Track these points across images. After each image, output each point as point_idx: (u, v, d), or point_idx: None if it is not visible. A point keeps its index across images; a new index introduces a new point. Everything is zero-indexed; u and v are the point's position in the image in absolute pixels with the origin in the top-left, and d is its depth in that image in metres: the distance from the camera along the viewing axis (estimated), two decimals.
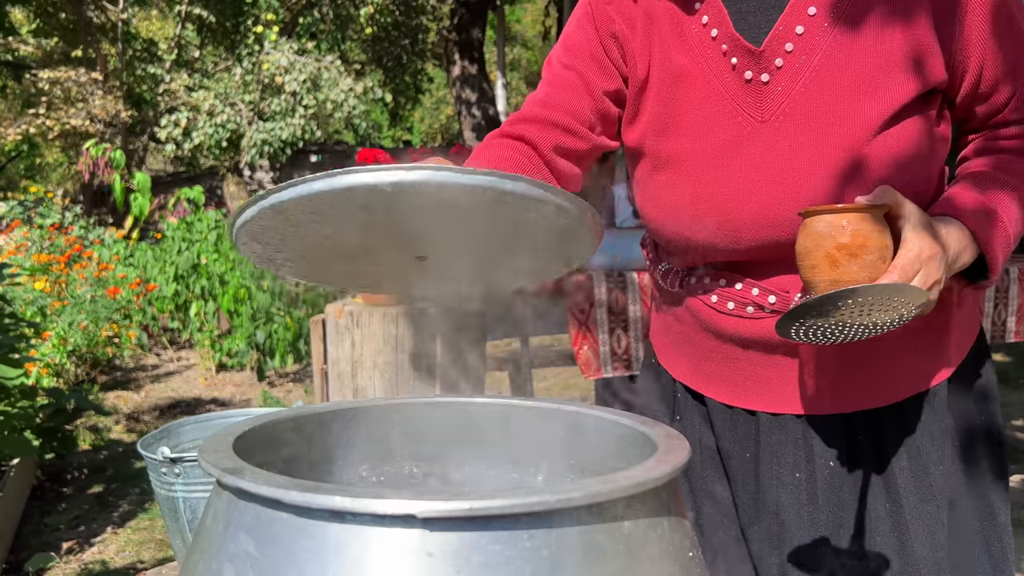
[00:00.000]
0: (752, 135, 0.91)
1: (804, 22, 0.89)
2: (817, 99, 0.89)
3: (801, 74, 0.89)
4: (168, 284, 5.65)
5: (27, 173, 18.68)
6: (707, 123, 0.93)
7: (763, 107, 0.91)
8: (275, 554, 0.48)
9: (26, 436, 3.01)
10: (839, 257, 0.80)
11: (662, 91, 0.96)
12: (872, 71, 0.88)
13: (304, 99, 9.48)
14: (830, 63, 0.89)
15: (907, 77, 0.88)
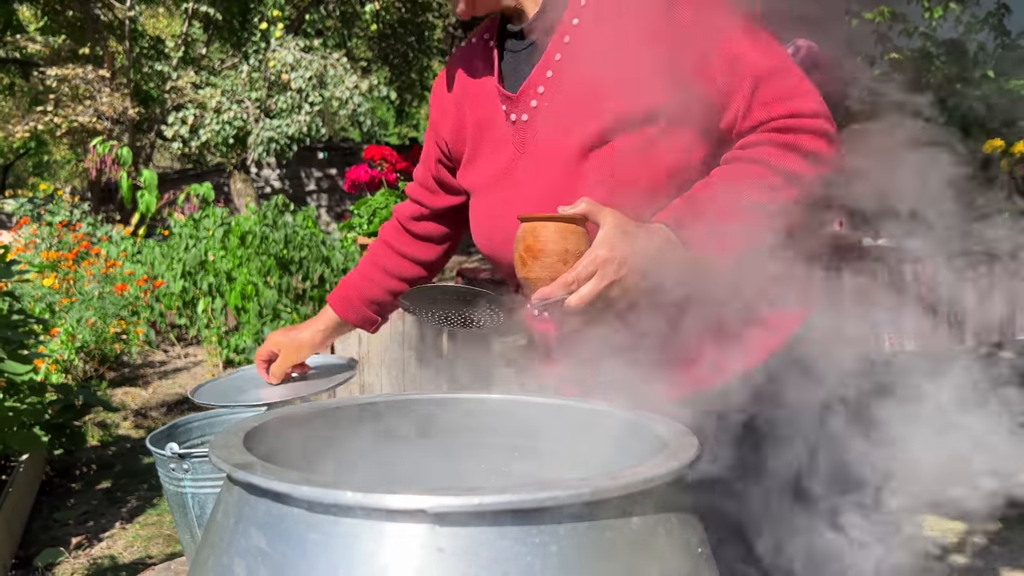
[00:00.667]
0: (516, 165, 1.12)
1: (552, 67, 1.07)
2: (555, 128, 1.07)
3: (551, 110, 1.08)
4: (176, 281, 5.66)
5: (35, 170, 18.75)
6: (490, 159, 1.16)
7: (524, 141, 1.11)
8: (286, 549, 0.49)
9: (35, 432, 3.02)
10: (526, 258, 0.94)
11: (471, 140, 1.19)
12: (589, 101, 1.04)
13: (310, 96, 9.49)
14: (568, 98, 1.06)
15: (619, 103, 1.02)
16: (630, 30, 1.01)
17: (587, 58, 1.05)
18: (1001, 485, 1.07)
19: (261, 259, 5.44)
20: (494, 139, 1.15)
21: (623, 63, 1.02)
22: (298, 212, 6.27)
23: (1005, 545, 2.77)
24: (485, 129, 1.17)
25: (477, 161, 1.19)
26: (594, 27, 1.04)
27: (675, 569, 0.53)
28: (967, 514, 1.06)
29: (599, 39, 1.04)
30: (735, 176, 0.99)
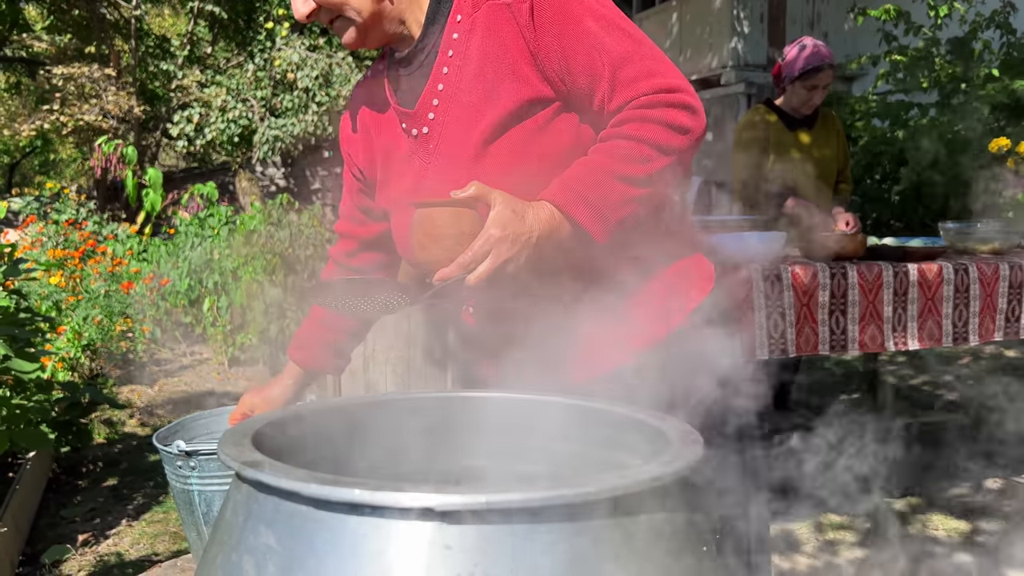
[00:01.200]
0: (423, 175, 1.18)
1: (443, 80, 1.15)
2: (452, 134, 1.14)
3: (447, 120, 1.15)
4: (181, 279, 5.67)
5: (41, 169, 18.81)
6: (400, 176, 1.22)
7: (427, 153, 1.18)
8: (294, 546, 0.49)
9: (42, 429, 3.03)
10: (425, 242, 0.98)
11: (381, 163, 1.26)
12: (478, 102, 1.12)
13: (316, 95, 9.49)
14: (457, 105, 1.14)
15: (504, 99, 1.10)
16: (503, 36, 1.10)
17: (471, 65, 1.13)
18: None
19: (266, 257, 5.45)
20: (400, 157, 1.22)
21: (503, 64, 1.11)
22: (303, 211, 6.28)
23: (1010, 545, 2.77)
24: (392, 150, 1.24)
25: (389, 181, 1.25)
26: (472, 38, 1.13)
27: (680, 567, 0.53)
28: (972, 512, 1.05)
29: (479, 47, 1.12)
30: (609, 151, 1.06)
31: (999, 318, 2.62)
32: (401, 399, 0.77)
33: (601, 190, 1.05)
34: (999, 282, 2.61)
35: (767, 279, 2.38)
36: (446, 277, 0.97)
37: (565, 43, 1.09)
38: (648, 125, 1.07)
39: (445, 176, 1.15)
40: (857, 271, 2.45)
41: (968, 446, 3.69)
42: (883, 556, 2.72)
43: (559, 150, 1.13)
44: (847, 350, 2.46)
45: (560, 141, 1.13)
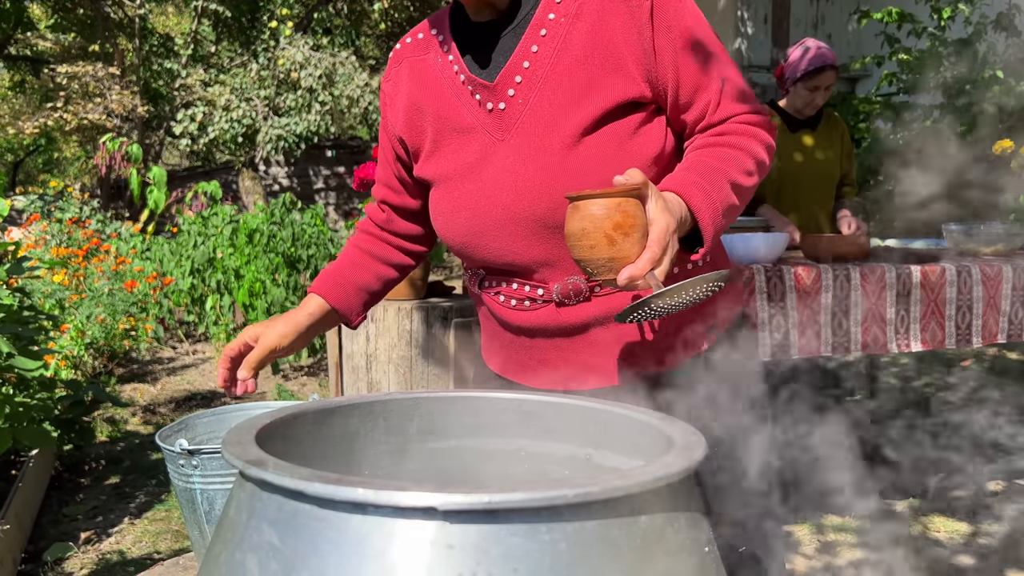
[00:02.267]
0: (494, 152, 1.13)
1: (529, 58, 1.11)
2: (538, 117, 1.10)
3: (529, 99, 1.11)
4: (184, 278, 5.69)
5: (45, 167, 18.85)
6: (461, 147, 1.16)
7: (502, 128, 1.13)
8: (297, 545, 0.49)
9: (45, 427, 3.04)
10: (615, 236, 0.89)
11: (433, 131, 1.19)
12: (577, 90, 1.08)
13: (320, 95, 9.50)
14: (547, 88, 1.10)
15: (602, 95, 1.08)
16: (616, 29, 1.08)
17: (573, 51, 1.09)
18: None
19: (269, 257, 5.46)
20: (461, 127, 1.16)
21: (611, 57, 1.08)
22: (306, 210, 6.29)
23: (1011, 547, 2.76)
24: (449, 118, 1.17)
25: (441, 152, 1.19)
26: (577, 23, 1.09)
27: (683, 568, 0.53)
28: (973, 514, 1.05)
29: (586, 34, 1.09)
30: (724, 158, 1.06)
31: (1002, 320, 2.61)
32: (403, 398, 0.77)
33: (721, 194, 1.03)
34: (1002, 284, 2.61)
35: (770, 280, 2.38)
36: (637, 276, 0.89)
37: (679, 49, 1.09)
38: (755, 142, 1.10)
39: (523, 162, 1.10)
40: (860, 273, 2.45)
41: (970, 447, 3.68)
42: (883, 558, 2.71)
43: (647, 155, 1.11)
44: (849, 351, 2.46)
45: (650, 146, 1.11)
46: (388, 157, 1.30)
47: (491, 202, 1.12)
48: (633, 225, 0.89)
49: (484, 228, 1.13)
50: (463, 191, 1.15)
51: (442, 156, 1.18)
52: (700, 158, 1.08)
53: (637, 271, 0.89)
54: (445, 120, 1.17)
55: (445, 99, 1.18)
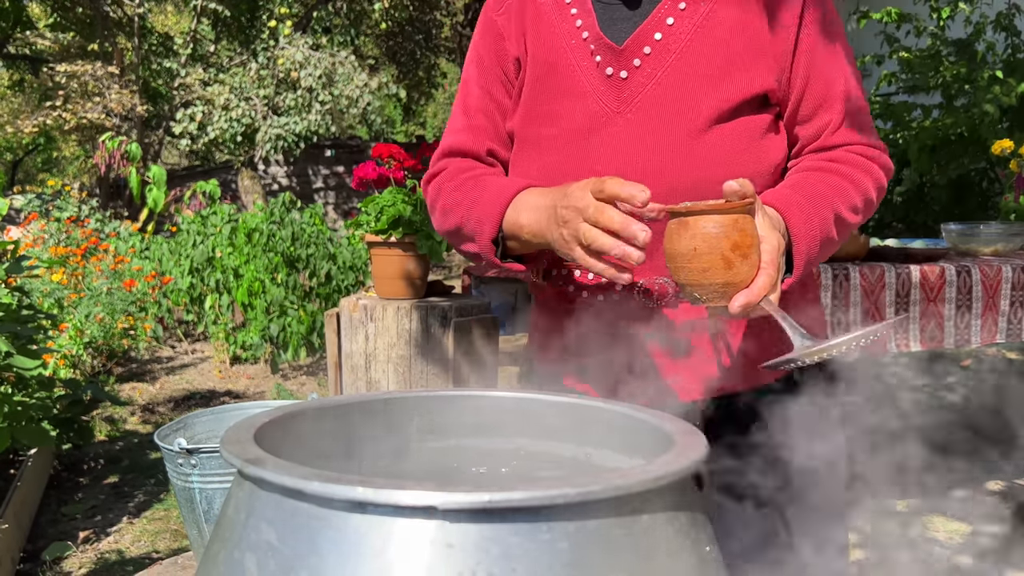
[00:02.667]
0: (607, 123, 1.01)
1: (663, 30, 1.01)
2: (665, 94, 1.00)
3: (656, 72, 1.00)
4: (183, 277, 5.68)
5: (44, 166, 18.83)
6: (567, 111, 1.03)
7: (620, 99, 1.01)
8: (296, 544, 0.49)
9: (43, 426, 3.04)
10: (733, 258, 0.78)
11: (532, 82, 1.06)
12: (713, 72, 0.99)
13: (319, 94, 9.50)
14: (681, 64, 1.00)
15: (742, 81, 0.99)
16: (762, 16, 0.99)
17: (716, 31, 0.99)
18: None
19: (268, 256, 5.46)
20: (574, 89, 1.03)
21: (756, 44, 0.99)
22: (305, 209, 6.28)
23: (1010, 547, 2.76)
24: (559, 74, 1.04)
25: (542, 106, 1.05)
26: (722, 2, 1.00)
27: (684, 568, 0.53)
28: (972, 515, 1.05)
29: (732, 16, 1.00)
30: (832, 187, 0.98)
31: (1001, 320, 2.61)
32: (403, 397, 0.77)
33: (823, 223, 0.94)
34: (1001, 284, 2.61)
35: None
36: (753, 301, 0.80)
37: (818, 52, 1.01)
38: (868, 179, 1.01)
39: (646, 138, 0.99)
40: (859, 272, 2.45)
41: (969, 448, 3.68)
42: (883, 558, 2.71)
43: (771, 162, 1.02)
44: None
45: (774, 153, 1.02)
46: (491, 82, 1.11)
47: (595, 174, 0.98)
48: (751, 245, 0.79)
49: None
50: (560, 160, 1.03)
51: (542, 114, 1.05)
52: (807, 180, 0.99)
53: (754, 297, 0.80)
54: (552, 72, 1.04)
55: (559, 51, 1.04)
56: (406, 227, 2.77)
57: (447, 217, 1.07)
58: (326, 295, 5.58)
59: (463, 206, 1.03)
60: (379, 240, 2.80)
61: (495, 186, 1.02)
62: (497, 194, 1.00)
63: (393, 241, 2.77)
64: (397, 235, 2.76)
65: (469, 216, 1.02)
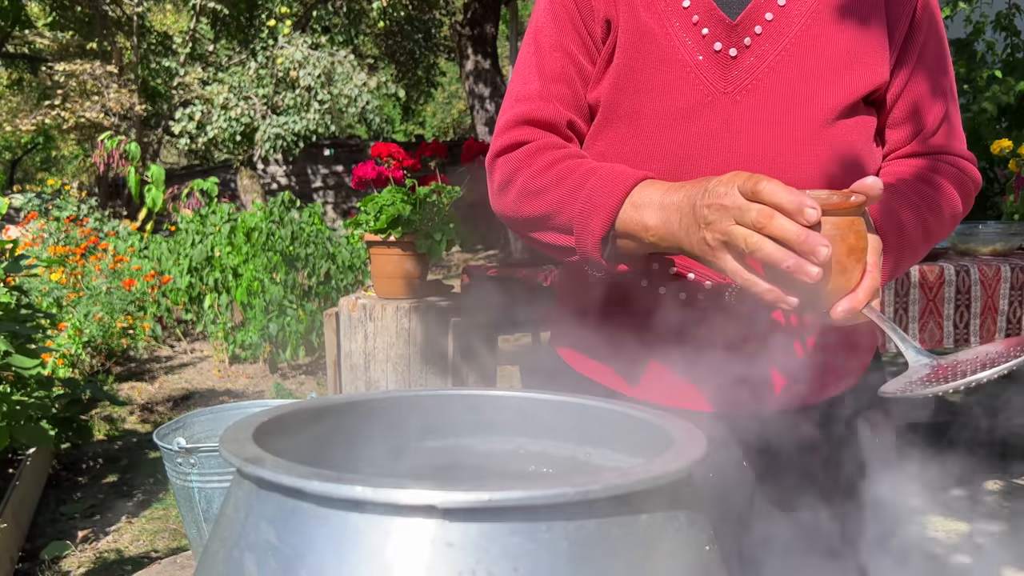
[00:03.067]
0: (712, 104, 0.91)
1: (774, 10, 0.91)
2: (782, 78, 0.90)
3: (768, 54, 0.91)
4: (182, 276, 5.68)
5: (43, 166, 18.82)
6: (668, 86, 0.92)
7: (727, 79, 0.91)
8: (296, 543, 0.49)
9: (42, 426, 3.04)
10: (848, 263, 0.72)
11: (626, 48, 0.94)
12: (836, 60, 0.90)
13: (319, 94, 9.50)
14: (797, 48, 0.91)
15: (865, 73, 0.91)
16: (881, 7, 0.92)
17: (827, 15, 0.91)
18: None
19: (267, 255, 5.46)
20: (675, 61, 0.92)
21: (874, 31, 0.91)
22: (304, 209, 6.28)
23: (1009, 547, 2.76)
24: (657, 43, 0.92)
25: (638, 76, 0.93)
26: None
27: (683, 567, 0.53)
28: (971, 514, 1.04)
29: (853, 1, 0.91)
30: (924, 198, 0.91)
31: (1000, 319, 2.62)
32: (402, 396, 0.77)
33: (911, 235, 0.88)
34: (1000, 284, 2.61)
35: None
36: (857, 308, 0.74)
37: (928, 49, 0.94)
38: (957, 193, 0.94)
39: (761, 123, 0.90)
40: None
41: (968, 447, 3.68)
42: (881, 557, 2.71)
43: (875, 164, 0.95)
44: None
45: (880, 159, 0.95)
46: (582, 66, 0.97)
47: (695, 164, 0.91)
48: (864, 249, 0.72)
49: None
50: (658, 140, 0.93)
51: (638, 85, 0.93)
52: (897, 185, 0.91)
53: (858, 304, 0.73)
54: (649, 42, 0.93)
55: (660, 16, 0.93)
56: (405, 226, 2.77)
57: (531, 200, 0.93)
58: (325, 294, 5.58)
59: (560, 192, 0.89)
60: (378, 239, 2.80)
61: (606, 174, 0.87)
62: (611, 184, 0.86)
63: (392, 240, 2.77)
64: (396, 234, 2.76)
65: (569, 205, 0.88)
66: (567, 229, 0.89)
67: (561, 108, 0.97)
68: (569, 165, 0.91)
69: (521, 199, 0.94)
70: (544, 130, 0.97)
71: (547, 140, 0.96)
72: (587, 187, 0.87)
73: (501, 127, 0.99)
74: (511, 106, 0.99)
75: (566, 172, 0.90)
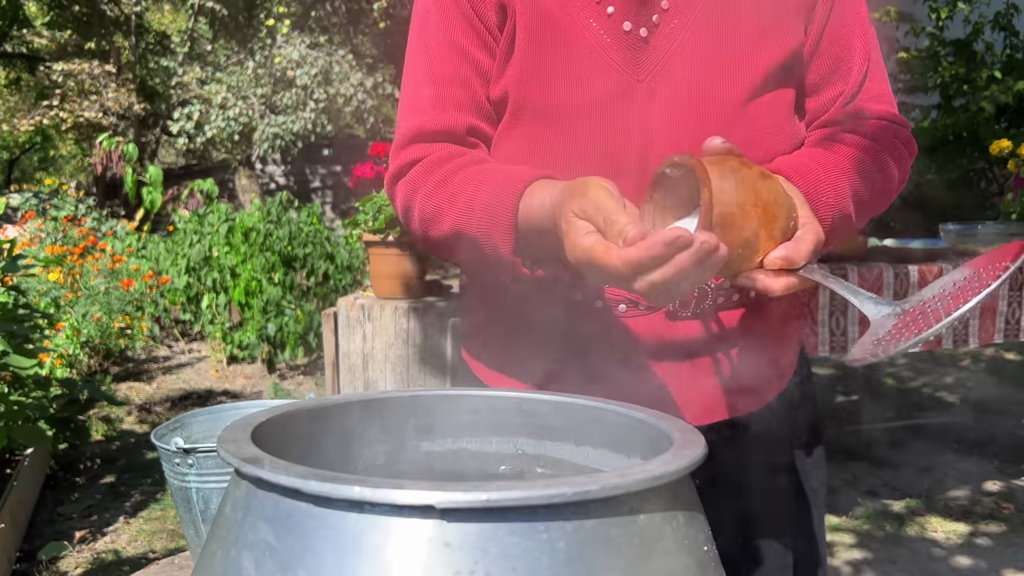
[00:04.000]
0: (627, 93, 0.83)
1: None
2: (697, 56, 0.83)
3: (679, 31, 0.84)
4: (180, 276, 5.68)
5: (41, 165, 18.80)
6: (577, 74, 0.84)
7: (639, 64, 0.84)
8: (294, 543, 0.49)
9: (40, 426, 3.03)
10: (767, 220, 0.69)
11: (527, 35, 0.85)
12: (750, 28, 0.84)
13: (315, 93, 9.50)
14: (708, 20, 0.84)
15: (780, 37, 0.84)
16: None
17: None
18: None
19: (265, 255, 5.45)
20: (578, 46, 0.84)
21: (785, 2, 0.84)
22: (303, 208, 6.28)
23: (1009, 547, 2.77)
24: (557, 27, 0.84)
25: (537, 67, 0.84)
26: None
27: (681, 568, 0.53)
28: (971, 515, 1.04)
29: None
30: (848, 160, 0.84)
31: (999, 320, 2.62)
32: (400, 396, 0.77)
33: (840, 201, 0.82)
34: None
35: None
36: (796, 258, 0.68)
37: (846, 12, 0.88)
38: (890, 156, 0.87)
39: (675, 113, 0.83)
40: (858, 272, 2.45)
41: (967, 448, 3.69)
42: (881, 558, 2.71)
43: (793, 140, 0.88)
44: (847, 351, 2.46)
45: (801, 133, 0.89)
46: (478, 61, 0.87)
47: (617, 159, 0.84)
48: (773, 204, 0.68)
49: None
50: (577, 137, 0.84)
51: (543, 79, 0.84)
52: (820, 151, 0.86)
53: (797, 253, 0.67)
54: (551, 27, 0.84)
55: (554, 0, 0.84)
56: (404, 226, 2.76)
57: (433, 225, 0.85)
58: (323, 294, 5.58)
59: (456, 212, 0.82)
60: (377, 239, 2.80)
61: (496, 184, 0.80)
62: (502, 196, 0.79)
63: (391, 240, 2.77)
64: (395, 234, 2.75)
65: (468, 225, 0.81)
66: (478, 250, 0.82)
67: (458, 114, 0.88)
68: (462, 179, 0.83)
69: (424, 225, 0.87)
70: (440, 142, 0.88)
71: (440, 153, 0.87)
72: (480, 202, 0.80)
73: (394, 146, 0.91)
74: (403, 120, 0.90)
75: (459, 188, 0.82)
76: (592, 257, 0.66)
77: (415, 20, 0.91)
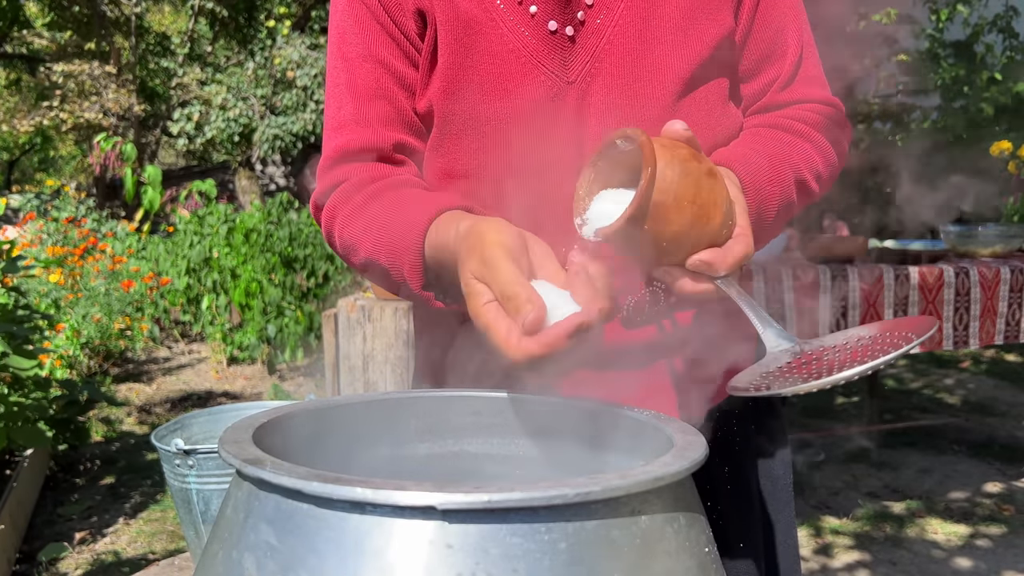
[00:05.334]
0: (560, 97, 0.80)
1: None
2: (626, 53, 0.80)
3: (606, 26, 0.80)
4: (180, 277, 5.68)
5: (41, 166, 18.81)
6: (504, 81, 0.80)
7: (568, 65, 0.80)
8: (295, 544, 0.49)
9: (40, 427, 3.03)
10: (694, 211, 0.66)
11: (449, 43, 0.81)
12: (678, 17, 0.80)
13: (315, 94, 9.51)
14: (634, 12, 0.80)
15: (709, 24, 0.81)
16: None
17: None
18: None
19: (265, 256, 5.46)
20: (503, 52, 0.80)
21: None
22: (303, 209, 6.28)
23: (1009, 549, 2.77)
24: (480, 33, 0.80)
25: (463, 76, 0.80)
26: None
27: (682, 569, 0.53)
28: (971, 516, 1.03)
29: None
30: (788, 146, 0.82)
31: (1000, 321, 2.62)
32: (401, 397, 0.77)
33: (784, 187, 0.80)
34: (1000, 285, 2.61)
35: (768, 281, 2.38)
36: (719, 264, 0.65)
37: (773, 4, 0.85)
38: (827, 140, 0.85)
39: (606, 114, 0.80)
40: (857, 273, 2.45)
41: (968, 450, 3.69)
42: (881, 559, 2.72)
43: (734, 130, 0.86)
44: None
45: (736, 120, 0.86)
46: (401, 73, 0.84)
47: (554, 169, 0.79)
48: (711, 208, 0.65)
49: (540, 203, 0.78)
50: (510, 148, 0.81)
51: (469, 88, 0.81)
52: (760, 136, 0.84)
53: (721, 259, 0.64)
54: (474, 32, 0.80)
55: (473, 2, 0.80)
56: None
57: (352, 255, 0.82)
58: (324, 296, 5.58)
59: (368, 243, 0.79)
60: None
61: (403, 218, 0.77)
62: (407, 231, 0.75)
63: None
64: None
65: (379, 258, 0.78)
66: (392, 282, 0.79)
67: (383, 130, 0.84)
68: (377, 207, 0.79)
69: (345, 252, 0.84)
70: (365, 162, 0.84)
71: (360, 176, 0.83)
72: (388, 235, 0.77)
73: (320, 167, 0.88)
74: (327, 140, 0.88)
75: (372, 218, 0.79)
76: (491, 337, 0.62)
77: (332, 33, 0.87)
